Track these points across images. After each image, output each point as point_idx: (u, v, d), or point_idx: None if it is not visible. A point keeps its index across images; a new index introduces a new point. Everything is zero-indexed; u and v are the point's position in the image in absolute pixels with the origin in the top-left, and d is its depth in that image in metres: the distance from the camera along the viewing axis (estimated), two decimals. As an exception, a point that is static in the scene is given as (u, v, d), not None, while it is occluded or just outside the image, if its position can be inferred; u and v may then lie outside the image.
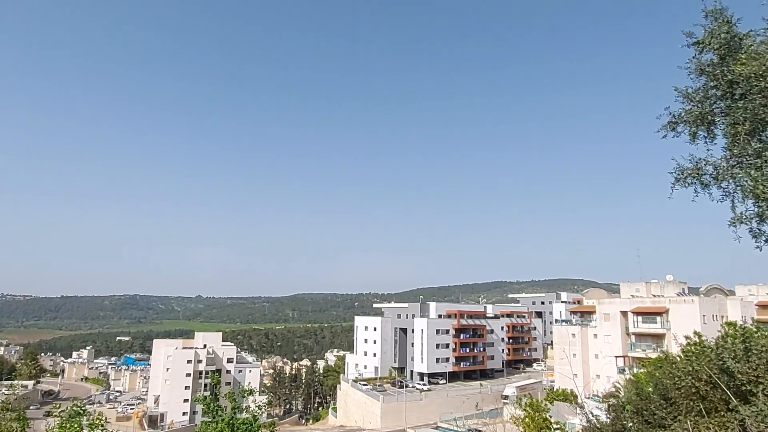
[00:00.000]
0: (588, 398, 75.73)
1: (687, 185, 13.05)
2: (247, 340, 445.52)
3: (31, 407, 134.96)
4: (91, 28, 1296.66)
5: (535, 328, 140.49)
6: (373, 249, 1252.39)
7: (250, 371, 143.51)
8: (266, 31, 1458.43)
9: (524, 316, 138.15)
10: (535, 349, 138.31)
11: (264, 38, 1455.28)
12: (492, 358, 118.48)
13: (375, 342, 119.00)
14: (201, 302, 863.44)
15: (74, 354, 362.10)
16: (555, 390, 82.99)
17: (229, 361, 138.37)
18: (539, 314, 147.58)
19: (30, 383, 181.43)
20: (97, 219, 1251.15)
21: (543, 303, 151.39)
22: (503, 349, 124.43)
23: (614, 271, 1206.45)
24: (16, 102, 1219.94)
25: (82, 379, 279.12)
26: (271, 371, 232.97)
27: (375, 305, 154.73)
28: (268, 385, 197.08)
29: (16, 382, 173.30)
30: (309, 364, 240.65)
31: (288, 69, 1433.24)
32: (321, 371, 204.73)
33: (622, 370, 75.50)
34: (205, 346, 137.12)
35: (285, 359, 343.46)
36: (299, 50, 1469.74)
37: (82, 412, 15.37)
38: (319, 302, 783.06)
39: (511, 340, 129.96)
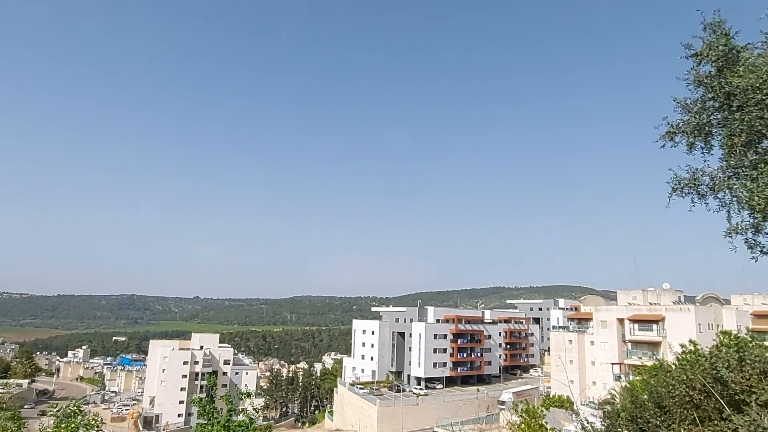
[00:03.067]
0: (584, 405, 75.62)
1: (684, 195, 13.13)
2: (245, 342, 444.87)
3: (25, 406, 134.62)
4: (91, 31, 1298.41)
5: (532, 334, 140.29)
6: (372, 252, 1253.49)
7: (247, 373, 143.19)
8: (262, 35, 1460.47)
9: (522, 322, 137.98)
10: (533, 355, 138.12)
11: (258, 40, 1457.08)
12: (489, 363, 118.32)
13: (372, 346, 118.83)
14: (198, 303, 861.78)
15: (70, 353, 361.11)
16: (551, 396, 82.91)
17: (226, 362, 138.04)
18: (537, 320, 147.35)
19: (25, 382, 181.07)
20: (96, 218, 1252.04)
21: (541, 309, 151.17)
22: (500, 355, 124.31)
23: (612, 279, 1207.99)
24: (12, 101, 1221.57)
25: (77, 378, 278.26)
26: (267, 374, 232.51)
27: (373, 309, 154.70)
28: (265, 387, 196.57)
29: (11, 380, 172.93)
30: (306, 366, 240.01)
31: (283, 71, 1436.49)
32: (318, 374, 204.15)
33: (618, 377, 75.47)
34: (201, 347, 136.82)
35: (282, 362, 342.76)
36: (294, 52, 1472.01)
37: (78, 411, 15.33)
38: (317, 305, 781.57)
39: (508, 346, 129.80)
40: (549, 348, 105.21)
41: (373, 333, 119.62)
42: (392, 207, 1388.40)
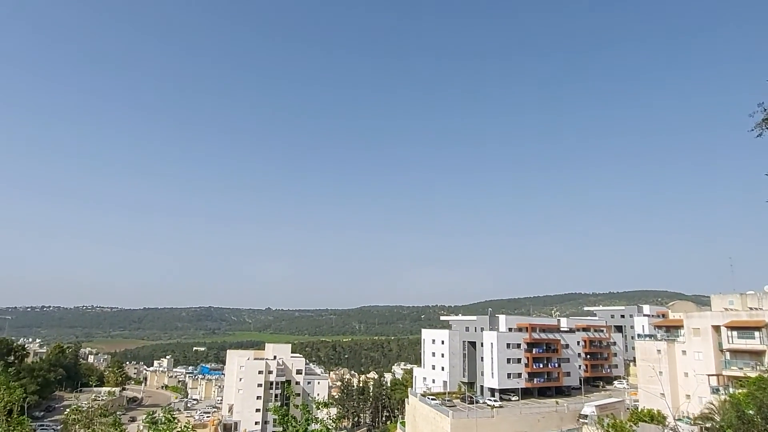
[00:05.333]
0: (678, 420, 70.03)
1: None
2: (315, 351, 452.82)
3: (117, 413, 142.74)
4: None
5: (614, 343, 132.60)
6: (439, 260, 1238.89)
7: (319, 383, 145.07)
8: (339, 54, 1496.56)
9: (602, 330, 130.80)
10: (616, 366, 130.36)
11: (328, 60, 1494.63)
12: (568, 374, 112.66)
13: (443, 355, 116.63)
14: (270, 314, 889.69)
15: (155, 363, 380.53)
16: (640, 410, 77.66)
17: (298, 372, 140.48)
18: (619, 328, 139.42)
19: (117, 390, 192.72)
20: (176, 236, 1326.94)
21: (623, 316, 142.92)
22: (580, 365, 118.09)
23: (703, 282, 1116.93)
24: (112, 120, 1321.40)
25: (162, 386, 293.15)
26: (338, 383, 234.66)
27: (442, 318, 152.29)
28: (336, 397, 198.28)
29: (105, 389, 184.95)
30: (376, 376, 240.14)
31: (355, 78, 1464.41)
32: (388, 384, 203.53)
33: (716, 390, 69.30)
34: (275, 357, 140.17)
35: (352, 371, 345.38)
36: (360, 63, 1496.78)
37: (171, 419, 15.86)
38: (385, 315, 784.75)
39: (588, 356, 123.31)
40: (634, 358, 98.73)
41: (443, 343, 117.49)
42: (459, 213, 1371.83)
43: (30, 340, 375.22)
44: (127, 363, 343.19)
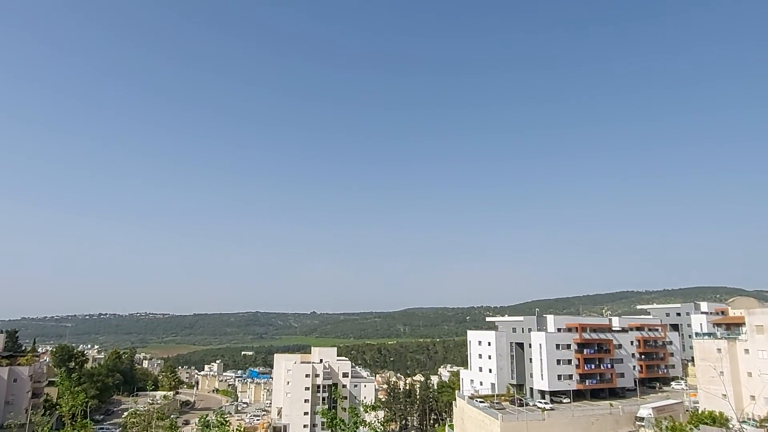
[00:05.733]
0: (743, 422, 66.41)
1: None
2: (361, 355, 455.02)
3: (172, 416, 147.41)
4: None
5: (671, 343, 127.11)
6: (483, 260, 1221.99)
7: (365, 386, 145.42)
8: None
9: (657, 329, 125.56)
10: (673, 366, 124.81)
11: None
12: (622, 375, 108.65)
13: (490, 357, 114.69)
14: (316, 318, 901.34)
15: (206, 367, 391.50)
16: (700, 412, 74.01)
17: (345, 375, 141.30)
18: (675, 327, 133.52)
19: (171, 394, 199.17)
20: (223, 244, 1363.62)
21: (679, 314, 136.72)
22: (635, 366, 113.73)
23: (765, 277, 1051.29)
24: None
25: (213, 390, 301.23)
26: (385, 386, 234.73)
27: (488, 319, 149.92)
28: (383, 400, 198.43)
29: (160, 392, 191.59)
30: (423, 379, 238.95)
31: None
32: (435, 387, 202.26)
33: (784, 391, 65.36)
34: (321, 360, 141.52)
35: (398, 374, 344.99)
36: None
37: (224, 422, 16.48)
38: (430, 316, 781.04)
39: (643, 356, 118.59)
40: (692, 358, 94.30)
41: (489, 344, 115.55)
42: (503, 212, 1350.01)
43: (89, 346, 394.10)
44: (180, 368, 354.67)
